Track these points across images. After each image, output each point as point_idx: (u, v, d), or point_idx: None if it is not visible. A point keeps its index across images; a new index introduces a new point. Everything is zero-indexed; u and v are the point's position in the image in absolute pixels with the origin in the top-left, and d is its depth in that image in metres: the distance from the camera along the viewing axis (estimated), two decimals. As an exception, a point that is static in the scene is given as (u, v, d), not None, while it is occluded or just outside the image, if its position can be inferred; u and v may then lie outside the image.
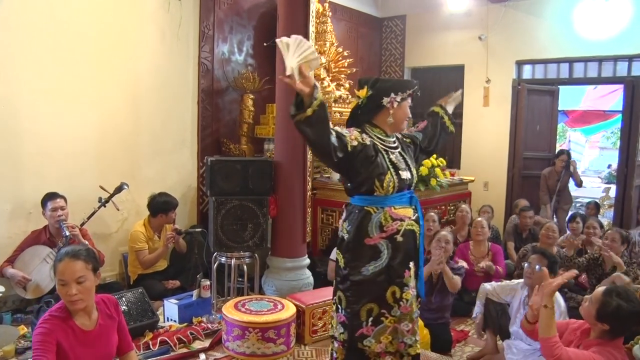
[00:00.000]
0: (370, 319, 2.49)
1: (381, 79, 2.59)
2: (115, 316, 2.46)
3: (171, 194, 4.54)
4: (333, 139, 2.34)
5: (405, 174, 2.53)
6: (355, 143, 2.43)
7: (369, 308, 2.50)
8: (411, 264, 2.54)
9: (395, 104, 2.53)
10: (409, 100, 2.59)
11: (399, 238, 2.48)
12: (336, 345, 2.60)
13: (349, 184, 2.57)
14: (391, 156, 2.52)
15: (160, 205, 4.38)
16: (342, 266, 2.55)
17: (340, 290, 2.56)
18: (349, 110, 6.11)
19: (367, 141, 2.48)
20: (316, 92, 2.23)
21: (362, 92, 2.55)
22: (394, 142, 2.60)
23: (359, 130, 2.54)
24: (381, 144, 2.53)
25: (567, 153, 6.62)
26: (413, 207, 2.58)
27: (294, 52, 2.20)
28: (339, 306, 2.57)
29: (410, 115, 2.65)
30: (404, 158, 2.59)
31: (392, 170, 2.48)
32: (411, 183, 2.59)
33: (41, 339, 2.13)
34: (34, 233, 3.95)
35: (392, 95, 2.51)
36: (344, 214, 2.61)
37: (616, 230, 4.08)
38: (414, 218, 2.55)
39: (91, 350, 2.29)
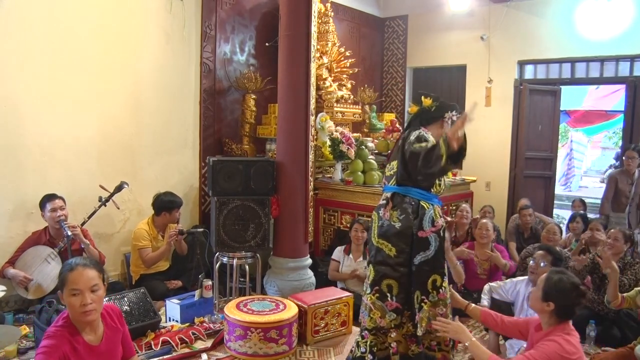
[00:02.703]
0: (417, 305, 2.76)
1: (440, 98, 3.00)
2: (119, 327, 2.42)
3: (177, 195, 4.54)
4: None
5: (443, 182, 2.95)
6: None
7: (417, 295, 2.77)
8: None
9: (450, 122, 2.92)
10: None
11: (442, 233, 2.83)
12: (394, 335, 2.82)
13: (406, 174, 2.82)
14: None
15: (165, 204, 4.38)
16: (393, 255, 2.79)
17: (391, 279, 2.79)
18: (350, 110, 6.13)
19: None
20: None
21: (428, 102, 2.95)
22: None
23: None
24: None
25: (635, 148, 5.48)
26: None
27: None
28: (388, 294, 2.80)
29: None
30: None
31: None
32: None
33: (46, 350, 2.08)
34: (35, 234, 3.95)
35: (453, 112, 2.94)
36: (390, 203, 2.87)
37: (619, 229, 4.06)
38: None
39: None
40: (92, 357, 2.22)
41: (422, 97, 3.02)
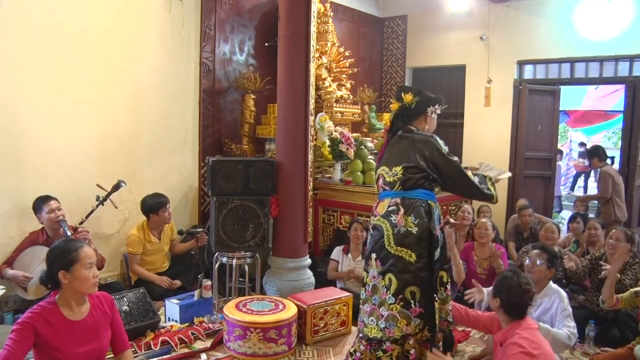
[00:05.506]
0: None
1: (423, 91, 2.95)
2: (108, 313, 2.49)
3: (163, 194, 4.48)
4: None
5: None
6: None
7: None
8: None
9: (434, 115, 2.97)
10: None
11: (445, 230, 2.91)
12: (412, 341, 2.72)
13: (417, 177, 2.81)
14: None
15: (149, 207, 4.37)
16: (413, 261, 2.72)
17: (414, 285, 2.73)
18: (350, 110, 6.13)
19: None
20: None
21: (408, 97, 2.90)
22: None
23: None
24: None
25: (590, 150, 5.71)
26: None
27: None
28: (412, 301, 2.72)
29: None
30: None
31: None
32: None
33: (17, 327, 2.21)
34: (32, 234, 3.93)
35: (436, 106, 2.96)
36: (402, 209, 2.77)
37: (621, 229, 4.06)
38: None
39: (79, 341, 2.32)
40: (71, 332, 2.31)
41: (402, 93, 2.93)
